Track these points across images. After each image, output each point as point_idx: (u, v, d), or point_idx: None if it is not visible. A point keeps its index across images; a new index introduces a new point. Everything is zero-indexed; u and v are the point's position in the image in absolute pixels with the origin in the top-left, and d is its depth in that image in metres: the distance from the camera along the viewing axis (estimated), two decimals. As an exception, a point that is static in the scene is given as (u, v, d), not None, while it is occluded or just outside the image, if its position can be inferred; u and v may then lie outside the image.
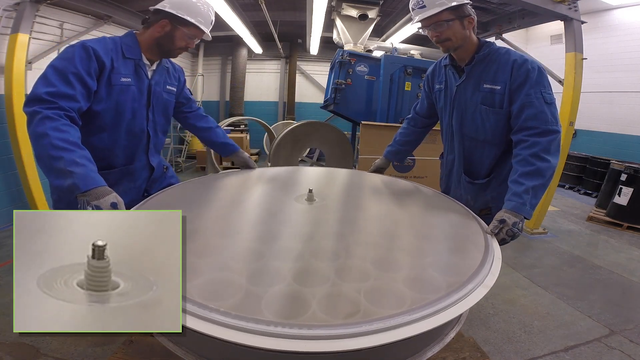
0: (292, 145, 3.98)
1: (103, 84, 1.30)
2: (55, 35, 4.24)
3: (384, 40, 6.29)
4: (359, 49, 4.99)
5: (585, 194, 6.23)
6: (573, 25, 3.86)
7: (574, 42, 3.88)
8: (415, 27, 1.60)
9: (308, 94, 8.96)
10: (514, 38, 6.52)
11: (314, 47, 7.38)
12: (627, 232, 4.33)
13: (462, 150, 1.61)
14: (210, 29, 1.46)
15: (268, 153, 4.66)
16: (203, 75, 8.58)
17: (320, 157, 7.16)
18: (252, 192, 1.57)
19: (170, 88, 1.58)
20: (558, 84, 3.93)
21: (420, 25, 1.43)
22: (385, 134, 3.52)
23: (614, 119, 6.51)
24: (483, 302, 2.44)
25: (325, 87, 5.28)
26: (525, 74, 1.34)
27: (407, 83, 4.38)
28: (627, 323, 2.37)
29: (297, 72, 8.77)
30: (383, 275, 0.84)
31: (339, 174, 1.95)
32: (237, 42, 7.79)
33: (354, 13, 4.83)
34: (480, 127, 1.50)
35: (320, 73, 8.69)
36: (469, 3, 1.38)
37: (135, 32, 1.44)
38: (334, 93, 4.43)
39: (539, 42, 7.74)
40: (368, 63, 4.51)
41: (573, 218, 4.88)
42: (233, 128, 7.51)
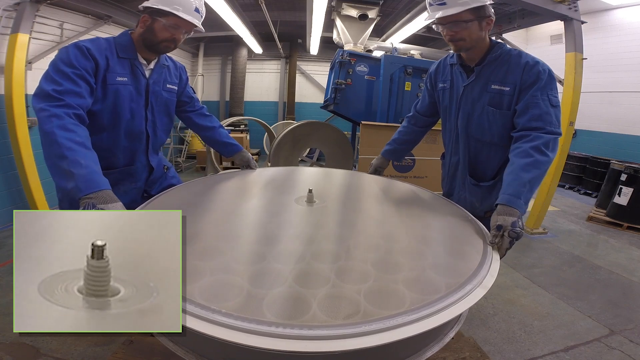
0: (292, 145, 3.98)
1: (99, 84, 1.29)
2: (55, 35, 4.24)
3: (384, 40, 6.30)
4: (359, 49, 4.99)
5: (585, 194, 6.24)
6: (573, 25, 3.86)
7: (574, 42, 3.88)
8: (419, 24, 1.58)
9: (308, 94, 8.97)
10: (514, 38, 6.53)
11: (314, 47, 7.39)
12: (627, 232, 4.33)
13: (467, 152, 1.58)
14: (202, 20, 1.41)
15: (268, 153, 4.66)
16: (203, 75, 8.59)
17: (320, 157, 7.15)
18: (252, 193, 1.57)
19: (171, 86, 1.57)
20: (558, 84, 3.92)
21: (436, 22, 1.37)
22: (385, 134, 3.51)
23: (614, 119, 6.50)
24: (483, 302, 2.44)
25: (325, 87, 5.29)
26: (536, 75, 1.33)
27: (407, 83, 4.39)
28: (627, 323, 2.37)
29: (297, 72, 8.77)
30: (383, 277, 0.85)
31: (339, 175, 1.95)
32: (237, 42, 7.80)
33: (354, 13, 4.84)
34: (487, 129, 1.47)
35: (320, 73, 8.70)
36: (492, 3, 1.32)
37: (130, 31, 1.42)
38: (334, 93, 4.44)
39: (539, 42, 7.73)
40: (368, 63, 4.51)
41: (573, 218, 4.88)
42: (233, 128, 7.52)
